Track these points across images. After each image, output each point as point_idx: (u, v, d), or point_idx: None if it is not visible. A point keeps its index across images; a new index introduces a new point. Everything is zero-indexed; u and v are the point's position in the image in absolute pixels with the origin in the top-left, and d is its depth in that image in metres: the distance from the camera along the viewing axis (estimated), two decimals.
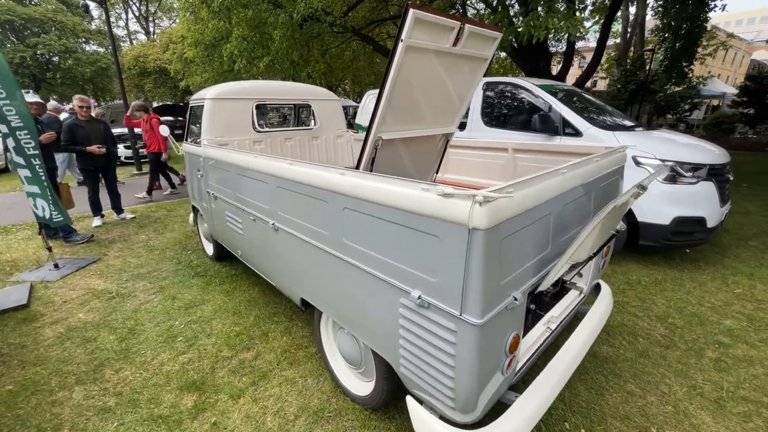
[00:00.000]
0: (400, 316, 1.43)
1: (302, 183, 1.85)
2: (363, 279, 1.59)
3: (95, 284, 3.43)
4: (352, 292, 1.68)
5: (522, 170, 2.84)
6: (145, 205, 6.36)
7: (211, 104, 3.22)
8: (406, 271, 1.36)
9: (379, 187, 1.39)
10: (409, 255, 1.33)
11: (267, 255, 2.44)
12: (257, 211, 2.40)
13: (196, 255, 4.05)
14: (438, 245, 1.21)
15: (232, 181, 2.70)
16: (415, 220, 1.27)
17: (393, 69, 1.80)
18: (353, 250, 1.60)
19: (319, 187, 1.72)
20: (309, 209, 1.86)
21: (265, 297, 3.12)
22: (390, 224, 1.38)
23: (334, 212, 1.66)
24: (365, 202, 1.46)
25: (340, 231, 1.65)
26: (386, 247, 1.42)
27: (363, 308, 1.65)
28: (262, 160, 2.23)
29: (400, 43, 1.74)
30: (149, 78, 23.86)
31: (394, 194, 1.33)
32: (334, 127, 4.16)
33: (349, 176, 1.56)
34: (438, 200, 1.18)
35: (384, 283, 1.47)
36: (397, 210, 1.33)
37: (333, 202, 1.65)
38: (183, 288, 3.31)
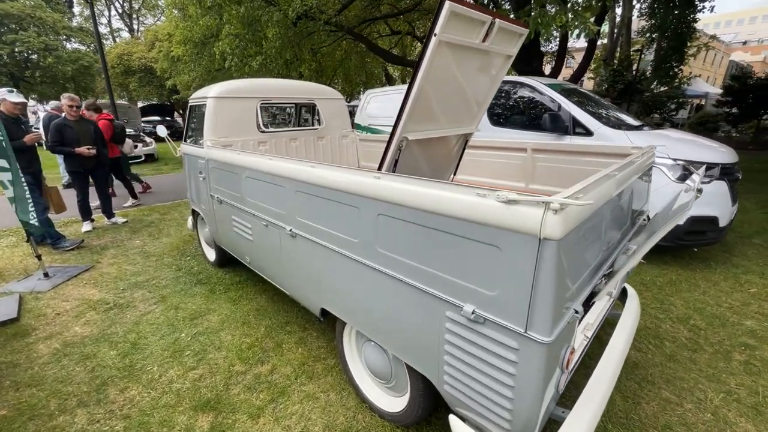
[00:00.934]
0: (446, 331, 1.33)
1: (327, 187, 1.73)
2: (399, 290, 1.48)
3: (90, 294, 3.23)
4: (386, 303, 1.57)
5: (541, 171, 2.77)
6: (137, 209, 6.12)
7: (214, 103, 3.06)
8: (455, 284, 1.26)
9: (424, 192, 1.28)
10: (459, 266, 1.23)
11: (281, 262, 2.31)
12: (271, 217, 2.26)
13: (196, 261, 3.87)
14: (498, 256, 1.11)
15: (241, 185, 2.56)
16: (468, 229, 1.17)
17: (424, 65, 1.69)
18: (388, 259, 1.49)
19: (349, 191, 1.60)
20: (335, 215, 1.74)
21: (274, 305, 2.97)
22: (436, 232, 1.27)
23: (367, 219, 1.54)
24: (405, 209, 1.35)
25: (372, 239, 1.54)
26: (431, 257, 1.32)
27: (398, 321, 1.54)
28: (278, 162, 2.09)
29: (434, 38, 1.63)
30: (134, 77, 23.20)
31: (442, 200, 1.22)
32: (339, 127, 4.04)
33: (386, 180, 1.45)
34: (499, 207, 1.08)
35: (426, 295, 1.37)
36: (445, 217, 1.22)
37: (365, 208, 1.54)
38: (186, 297, 3.14)
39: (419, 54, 1.72)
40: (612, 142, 3.53)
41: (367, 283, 1.64)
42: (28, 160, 4.07)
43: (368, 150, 4.23)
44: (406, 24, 14.92)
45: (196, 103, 3.38)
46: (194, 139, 3.55)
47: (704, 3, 10.16)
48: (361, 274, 1.66)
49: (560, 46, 9.89)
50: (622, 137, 3.52)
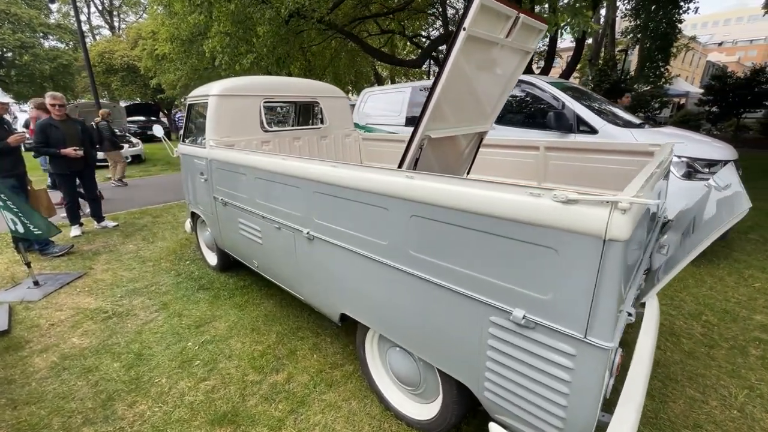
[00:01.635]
0: (490, 337, 1.28)
1: (352, 188, 1.65)
2: (434, 295, 1.42)
3: (85, 303, 3.07)
4: (418, 308, 1.51)
5: (554, 169, 2.75)
6: (127, 212, 5.90)
7: (217, 101, 2.94)
8: (501, 287, 1.20)
9: (467, 193, 1.22)
10: (507, 269, 1.17)
11: (296, 266, 2.22)
12: (285, 219, 2.17)
13: (196, 265, 3.73)
14: (553, 258, 1.06)
15: (249, 186, 2.46)
16: (518, 230, 1.12)
17: (451, 61, 1.64)
18: (423, 262, 1.43)
19: (378, 192, 1.53)
20: (359, 217, 1.66)
21: (282, 310, 2.88)
22: (480, 234, 1.21)
23: (398, 221, 1.48)
24: (444, 210, 1.29)
25: (404, 241, 1.47)
26: (473, 260, 1.26)
27: (433, 327, 1.48)
28: (294, 162, 2.01)
29: (462, 33, 1.58)
30: (116, 76, 22.53)
31: (488, 201, 1.17)
32: (342, 126, 3.95)
33: (420, 180, 1.39)
34: (556, 207, 1.03)
35: (466, 299, 1.31)
36: (491, 218, 1.17)
37: (396, 210, 1.47)
38: (188, 303, 3.02)
39: (446, 49, 1.67)
40: (616, 139, 3.54)
41: (397, 287, 1.57)
42: (12, 163, 3.87)
43: (370, 149, 4.15)
44: (395, 23, 14.89)
45: (196, 102, 3.26)
46: (193, 139, 3.42)
47: (689, 4, 10.41)
48: (389, 278, 1.59)
49: (549, 45, 10.00)
50: (627, 135, 3.54)
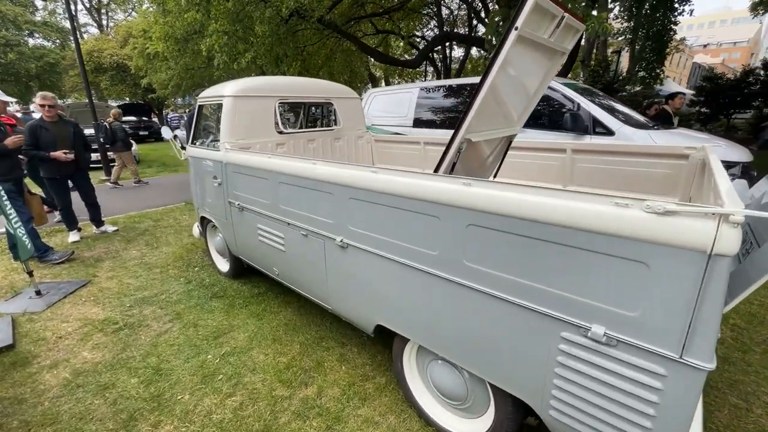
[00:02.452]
0: (559, 353, 1.21)
1: (396, 195, 1.57)
2: (493, 308, 1.35)
3: (93, 313, 2.93)
4: (472, 322, 1.44)
5: (580, 172, 2.70)
6: (126, 215, 5.71)
7: (232, 102, 2.83)
8: (576, 302, 1.13)
9: (538, 202, 1.15)
10: (584, 283, 1.11)
11: (324, 275, 2.13)
12: (313, 226, 2.08)
13: (206, 272, 3.60)
14: (644, 273, 0.99)
15: (271, 191, 2.35)
16: (600, 243, 1.05)
17: (500, 61, 1.57)
18: (480, 275, 1.35)
19: (428, 200, 1.45)
20: (404, 225, 1.58)
21: (302, 318, 2.78)
22: (552, 246, 1.14)
23: (451, 230, 1.40)
24: (508, 219, 1.22)
25: (459, 252, 1.40)
26: (542, 273, 1.19)
27: (488, 341, 1.40)
28: (328, 168, 1.91)
29: (514, 32, 1.51)
30: (105, 75, 22.06)
31: (564, 211, 1.10)
32: (355, 127, 3.86)
33: (479, 188, 1.31)
34: (649, 219, 0.96)
35: (532, 314, 1.24)
36: (567, 229, 1.10)
37: (450, 218, 1.40)
38: (203, 313, 2.90)
39: (495, 48, 1.60)
40: (633, 141, 3.52)
41: (447, 299, 1.50)
42: (9, 166, 3.69)
43: (382, 151, 4.07)
44: (391, 23, 14.84)
45: (207, 103, 3.13)
46: (202, 141, 3.30)
47: (683, 6, 10.57)
48: (438, 290, 1.52)
49: None
50: (644, 137, 3.53)
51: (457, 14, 18.01)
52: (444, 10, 16.93)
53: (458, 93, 5.02)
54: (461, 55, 19.02)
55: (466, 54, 17.83)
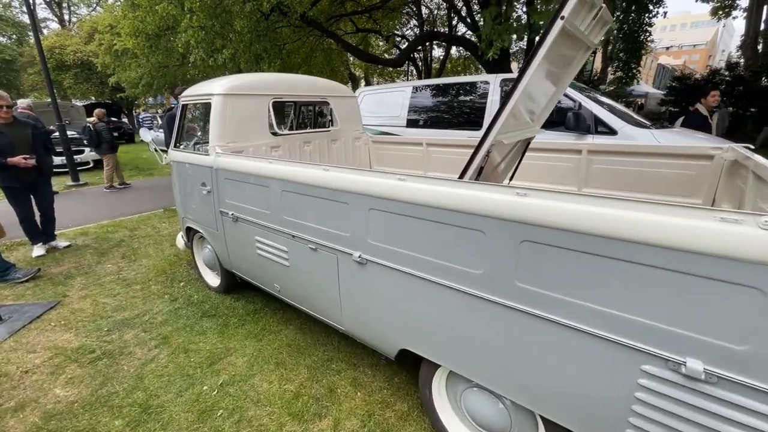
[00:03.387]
0: (639, 389, 1.05)
1: (430, 206, 1.38)
2: (550, 335, 1.18)
3: (65, 341, 2.59)
4: (522, 349, 1.27)
5: (596, 174, 2.59)
6: (97, 224, 5.25)
7: (222, 102, 2.55)
8: (665, 332, 0.98)
9: (620, 217, 0.99)
10: (677, 310, 0.95)
11: (336, 294, 1.91)
12: (324, 239, 1.86)
13: (193, 287, 3.29)
14: (759, 300, 0.84)
15: (272, 200, 2.11)
16: (703, 265, 0.89)
17: (541, 54, 1.41)
18: (535, 297, 1.19)
19: (473, 212, 1.27)
20: (440, 240, 1.40)
21: (306, 338, 2.54)
22: (633, 267, 0.99)
23: (501, 246, 1.23)
24: (578, 236, 1.06)
25: (509, 271, 1.22)
26: (620, 298, 1.03)
27: (545, 372, 1.24)
28: (341, 174, 1.70)
29: (559, 21, 1.35)
30: (68, 73, 20.74)
31: (658, 227, 0.94)
32: (352, 128, 3.64)
33: (538, 198, 1.14)
34: (766, 237, 0.81)
35: (602, 342, 1.08)
36: (658, 249, 0.94)
37: (499, 234, 1.22)
38: (194, 335, 2.61)
39: (537, 41, 1.43)
40: (635, 140, 3.48)
41: (493, 324, 1.32)
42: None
43: (380, 153, 3.88)
44: (371, 22, 14.64)
45: (193, 102, 2.84)
46: (187, 144, 3.00)
47: (657, 8, 10.88)
48: (482, 314, 1.34)
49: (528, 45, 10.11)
50: (648, 136, 3.49)
51: (437, 14, 18.04)
52: (423, 9, 16.89)
53: (455, 92, 4.88)
54: (440, 54, 19.08)
55: (446, 53, 17.88)
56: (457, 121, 4.78)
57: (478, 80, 4.65)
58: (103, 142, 7.25)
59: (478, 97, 4.59)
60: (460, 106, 4.79)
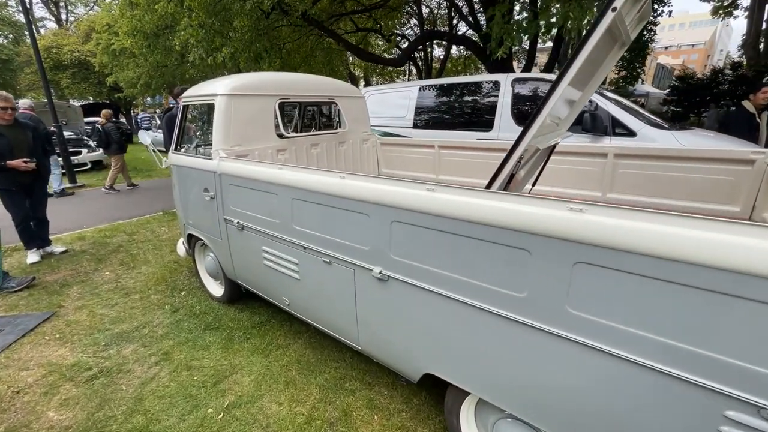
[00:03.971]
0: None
1: (464, 220, 1.24)
2: (613, 371, 1.04)
3: (59, 356, 2.44)
4: (574, 382, 1.12)
5: (623, 179, 2.45)
6: (95, 229, 5.10)
7: (227, 102, 2.40)
8: (757, 374, 0.84)
9: (719, 241, 0.85)
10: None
11: (352, 311, 1.77)
12: (340, 252, 1.72)
13: (195, 297, 3.14)
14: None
15: (281, 209, 1.97)
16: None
17: (589, 47, 1.27)
18: (594, 326, 1.04)
19: (518, 229, 1.13)
20: (474, 258, 1.26)
21: (316, 353, 2.40)
22: (732, 300, 0.84)
23: (549, 268, 1.09)
24: (653, 261, 0.91)
25: (560, 296, 1.08)
26: (706, 334, 0.89)
27: (598, 409, 1.10)
28: (359, 183, 1.56)
29: (611, 14, 1.21)
30: (66, 72, 20.53)
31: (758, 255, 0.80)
32: (360, 130, 3.50)
33: (597, 215, 1.00)
34: None
35: (676, 382, 0.94)
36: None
37: (547, 254, 1.08)
38: (196, 350, 2.46)
39: (583, 36, 1.29)
40: (655, 142, 3.34)
41: (538, 353, 1.18)
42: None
43: (388, 155, 3.73)
44: (371, 21, 14.51)
45: (194, 103, 2.69)
46: (188, 147, 2.86)
47: (662, 7, 10.78)
48: (525, 341, 1.20)
49: (530, 45, 9.98)
50: (669, 138, 3.35)
51: (437, 13, 17.94)
52: (423, 8, 16.77)
53: (464, 92, 4.74)
54: (440, 54, 19.00)
55: (446, 53, 17.78)
56: (467, 122, 4.64)
57: (488, 80, 4.51)
58: (113, 142, 7.25)
59: (488, 97, 4.45)
60: (469, 107, 4.65)
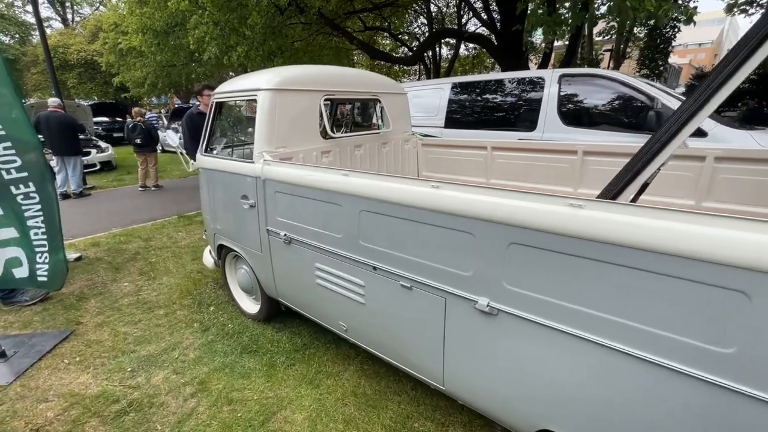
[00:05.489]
0: None
1: (629, 246, 0.95)
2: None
3: (81, 384, 2.16)
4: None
5: (722, 185, 2.15)
6: (109, 233, 4.84)
7: (272, 98, 2.12)
8: None
9: None
10: None
11: (439, 347, 1.48)
12: (426, 276, 1.43)
13: (225, 313, 2.86)
14: None
15: (345, 222, 1.68)
16: None
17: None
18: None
19: (722, 262, 0.83)
20: (636, 295, 0.96)
21: (372, 383, 2.11)
22: None
23: (728, 303, 0.79)
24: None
25: (752, 345, 0.79)
26: None
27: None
28: (467, 195, 1.26)
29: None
30: (72, 72, 20.41)
31: None
32: (401, 129, 3.21)
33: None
34: None
35: None
36: None
37: (734, 285, 0.79)
38: (235, 378, 2.18)
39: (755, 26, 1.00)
40: (732, 144, 3.03)
41: (729, 420, 0.88)
42: None
43: (429, 157, 3.44)
44: (380, 19, 14.26)
45: (230, 99, 2.41)
46: (220, 149, 2.58)
47: (688, 2, 10.41)
48: (696, 400, 0.90)
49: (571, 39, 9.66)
50: (746, 138, 3.04)
51: (446, 11, 17.71)
52: (432, 6, 16.52)
53: (503, 89, 4.44)
54: (448, 53, 18.83)
55: (455, 51, 17.58)
56: (506, 122, 4.33)
57: (530, 76, 4.21)
58: (154, 139, 7.16)
59: (530, 94, 4.15)
60: (508, 105, 4.35)
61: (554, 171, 2.67)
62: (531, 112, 4.09)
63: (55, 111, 6.22)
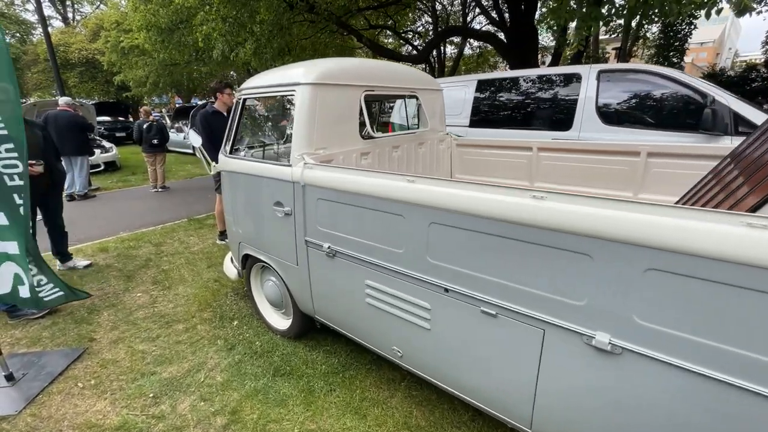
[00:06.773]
0: None
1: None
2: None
3: (98, 413, 1.94)
4: None
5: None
6: (117, 238, 4.61)
7: (312, 93, 1.89)
8: None
9: None
10: None
11: (531, 386, 1.25)
12: (517, 302, 1.20)
13: (251, 329, 2.63)
14: None
15: (409, 236, 1.46)
16: None
17: None
18: None
19: None
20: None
21: (424, 412, 1.88)
22: None
23: None
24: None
25: None
26: None
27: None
28: (578, 207, 1.04)
29: None
30: (73, 71, 20.16)
31: None
32: (437, 129, 2.98)
33: None
34: None
35: None
36: None
37: None
38: (270, 405, 1.95)
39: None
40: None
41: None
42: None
43: (463, 158, 3.21)
44: (384, 17, 14.05)
45: (261, 95, 2.18)
46: (248, 150, 2.35)
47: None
48: None
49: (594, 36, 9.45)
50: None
51: (451, 10, 17.53)
52: (437, 5, 16.33)
53: (535, 86, 4.21)
54: (452, 51, 18.71)
55: (460, 49, 17.41)
56: (538, 121, 4.11)
57: (565, 72, 3.98)
58: (165, 140, 6.97)
59: (565, 92, 3.92)
60: (540, 103, 4.12)
61: (609, 174, 2.44)
62: (566, 110, 3.86)
63: (64, 110, 6.02)
